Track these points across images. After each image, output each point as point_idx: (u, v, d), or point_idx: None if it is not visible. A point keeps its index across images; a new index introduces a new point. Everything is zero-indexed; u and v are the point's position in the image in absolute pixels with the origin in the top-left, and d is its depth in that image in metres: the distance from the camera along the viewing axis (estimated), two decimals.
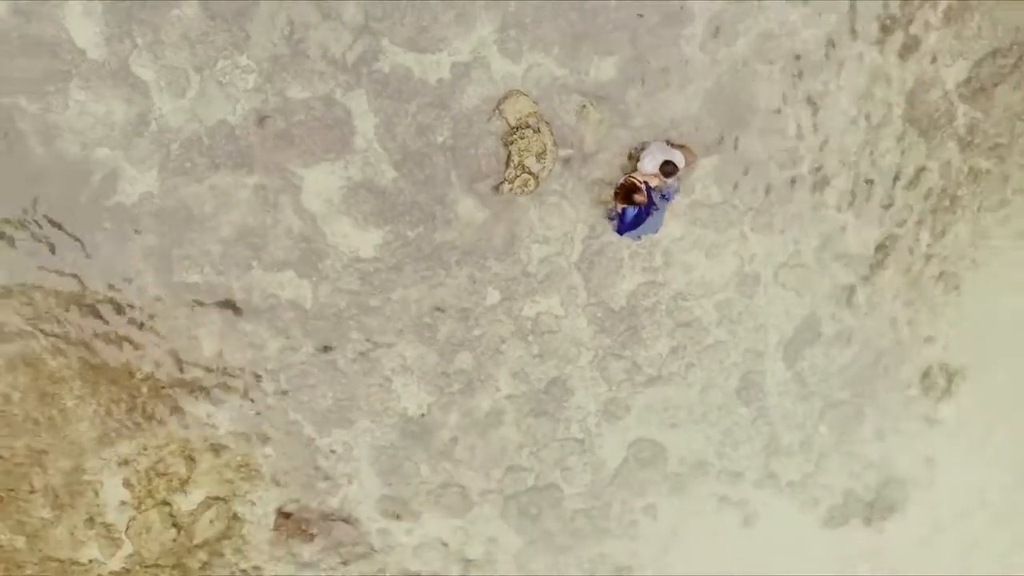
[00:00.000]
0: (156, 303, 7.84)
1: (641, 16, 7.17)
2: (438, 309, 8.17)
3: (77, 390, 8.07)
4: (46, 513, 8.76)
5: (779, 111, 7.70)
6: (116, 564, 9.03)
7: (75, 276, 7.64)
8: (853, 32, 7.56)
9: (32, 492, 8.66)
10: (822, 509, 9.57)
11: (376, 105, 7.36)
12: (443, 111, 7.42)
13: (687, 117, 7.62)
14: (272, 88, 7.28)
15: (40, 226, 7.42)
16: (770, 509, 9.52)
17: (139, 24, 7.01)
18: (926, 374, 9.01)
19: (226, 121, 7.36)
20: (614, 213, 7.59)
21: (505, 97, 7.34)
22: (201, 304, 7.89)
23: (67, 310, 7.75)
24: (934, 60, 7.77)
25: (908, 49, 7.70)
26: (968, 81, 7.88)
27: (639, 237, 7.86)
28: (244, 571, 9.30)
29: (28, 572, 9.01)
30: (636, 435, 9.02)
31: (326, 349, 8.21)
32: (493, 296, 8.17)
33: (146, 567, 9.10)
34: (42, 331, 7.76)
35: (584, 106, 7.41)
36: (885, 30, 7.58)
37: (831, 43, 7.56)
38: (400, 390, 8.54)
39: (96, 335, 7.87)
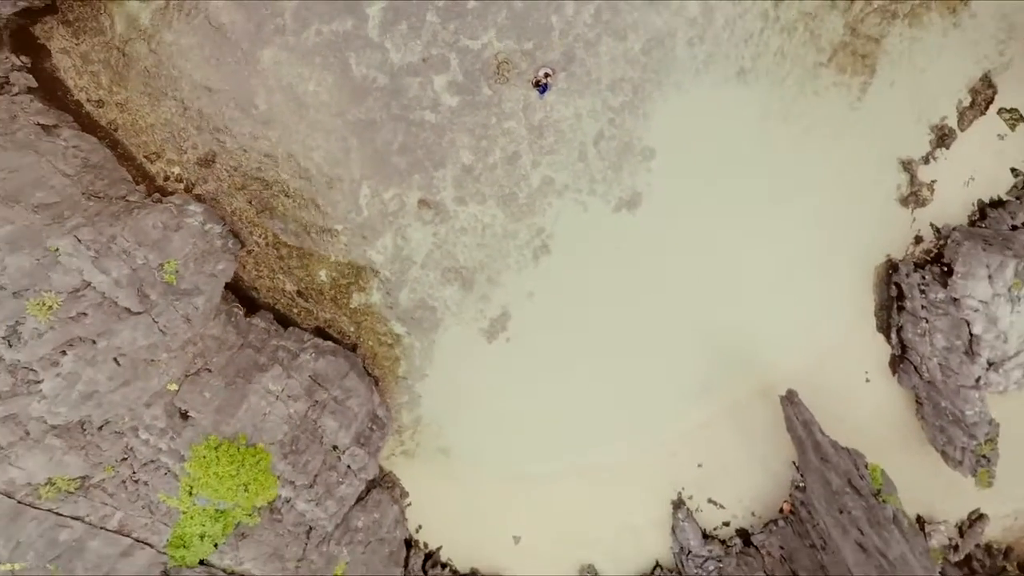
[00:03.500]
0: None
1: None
2: (475, 123, 25.01)
3: None
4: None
5: (584, 59, 24.58)
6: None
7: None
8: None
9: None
10: (611, 205, 26.56)
11: (458, 57, 24.17)
12: (478, 58, 24.25)
13: (555, 60, 24.48)
14: (425, 51, 24.06)
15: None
16: (591, 202, 26.46)
17: (387, 30, 23.76)
18: (642, 152, 25.97)
19: (412, 61, 24.14)
20: (537, 88, 24.41)
21: (497, 52, 24.19)
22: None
23: None
24: None
25: None
26: None
27: (542, 97, 24.76)
28: (402, 225, 26.13)
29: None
30: (543, 173, 25.95)
31: (439, 135, 25.03)
32: (495, 119, 25.02)
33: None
34: None
35: (526, 55, 24.28)
36: None
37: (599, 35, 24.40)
38: (461, 154, 25.39)
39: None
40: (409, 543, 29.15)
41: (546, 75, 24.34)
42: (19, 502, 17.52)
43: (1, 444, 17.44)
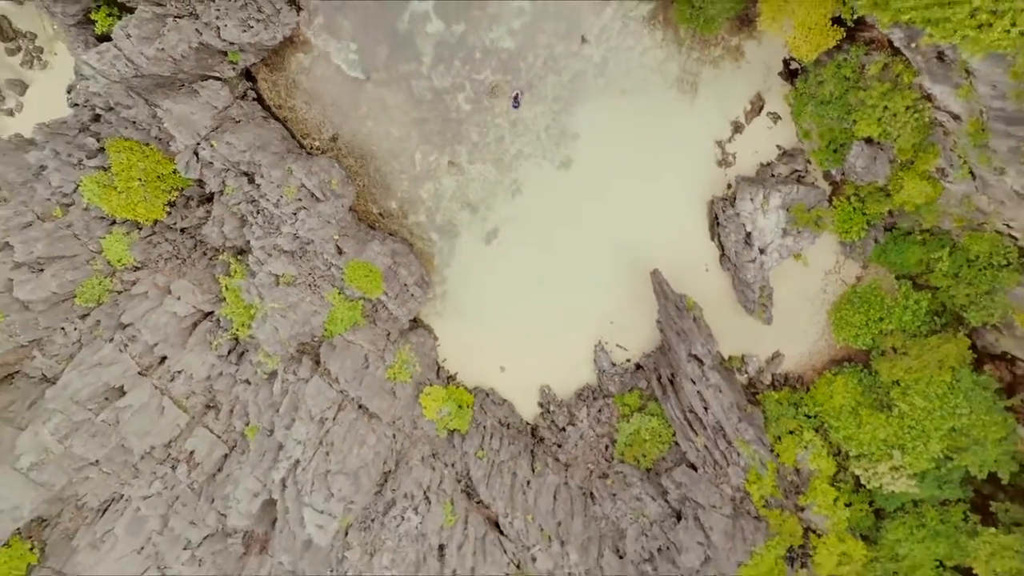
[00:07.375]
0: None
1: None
2: (480, 120, 46.13)
3: None
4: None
5: (538, 86, 45.73)
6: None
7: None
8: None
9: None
10: (555, 165, 47.53)
11: (471, 84, 45.40)
12: (482, 84, 45.46)
13: (524, 84, 45.66)
14: (453, 80, 45.30)
15: None
16: (544, 164, 47.47)
17: (432, 69, 45.05)
18: (571, 135, 46.92)
19: (445, 85, 45.39)
20: (513, 103, 45.59)
21: (492, 81, 45.41)
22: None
23: None
24: None
25: None
26: None
27: (517, 108, 45.92)
28: (438, 176, 47.19)
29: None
30: (517, 148, 47.04)
31: (460, 126, 46.14)
32: (490, 117, 46.13)
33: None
34: None
35: (507, 82, 45.53)
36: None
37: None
38: (472, 136, 46.53)
39: None
40: (439, 365, 49.57)
41: (517, 94, 45.52)
42: (272, 283, 38.18)
43: (261, 259, 38.24)
